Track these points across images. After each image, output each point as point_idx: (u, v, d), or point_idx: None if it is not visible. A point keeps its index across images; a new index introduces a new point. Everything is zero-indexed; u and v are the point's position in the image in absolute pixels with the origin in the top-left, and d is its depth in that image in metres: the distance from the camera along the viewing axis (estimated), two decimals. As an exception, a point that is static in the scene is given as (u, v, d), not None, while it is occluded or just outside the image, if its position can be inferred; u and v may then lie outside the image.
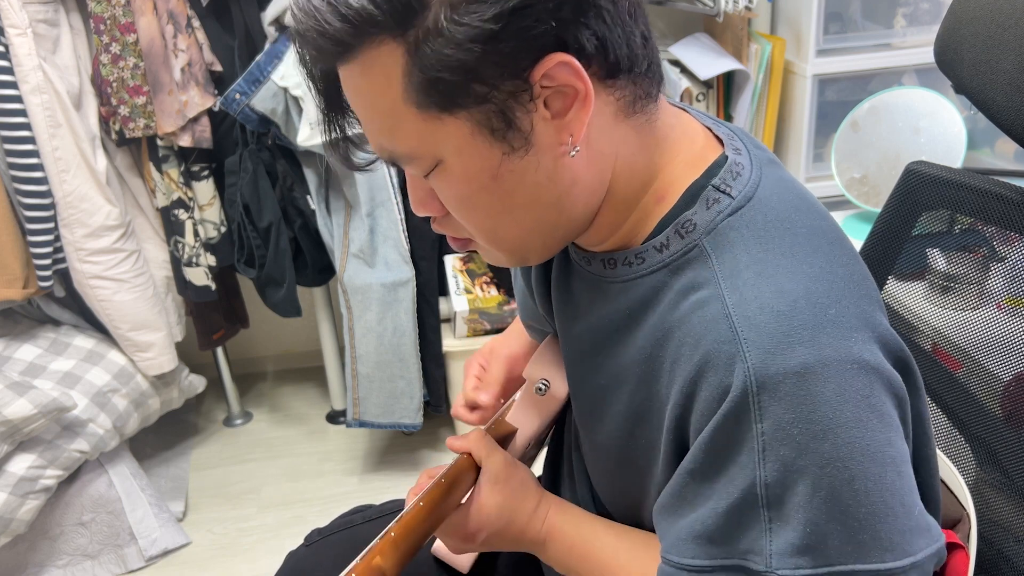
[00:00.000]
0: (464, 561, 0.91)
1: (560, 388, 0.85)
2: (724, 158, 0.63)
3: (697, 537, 0.58)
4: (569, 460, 0.88)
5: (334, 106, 0.63)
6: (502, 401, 0.92)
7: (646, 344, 0.63)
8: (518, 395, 0.89)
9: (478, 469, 0.78)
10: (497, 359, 0.94)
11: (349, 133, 0.65)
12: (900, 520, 0.53)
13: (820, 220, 0.62)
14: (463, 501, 0.77)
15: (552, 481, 0.93)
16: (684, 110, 0.69)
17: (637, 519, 0.75)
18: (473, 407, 0.93)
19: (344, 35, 0.53)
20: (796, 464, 0.53)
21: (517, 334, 0.97)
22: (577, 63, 0.54)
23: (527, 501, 0.77)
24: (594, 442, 0.76)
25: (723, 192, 0.61)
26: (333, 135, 0.65)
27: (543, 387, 0.86)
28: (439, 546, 0.92)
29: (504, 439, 0.86)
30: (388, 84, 0.55)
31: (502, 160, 0.57)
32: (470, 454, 0.79)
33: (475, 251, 0.67)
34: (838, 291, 0.56)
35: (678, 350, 0.59)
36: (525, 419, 0.87)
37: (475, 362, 0.97)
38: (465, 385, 0.95)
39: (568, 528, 0.76)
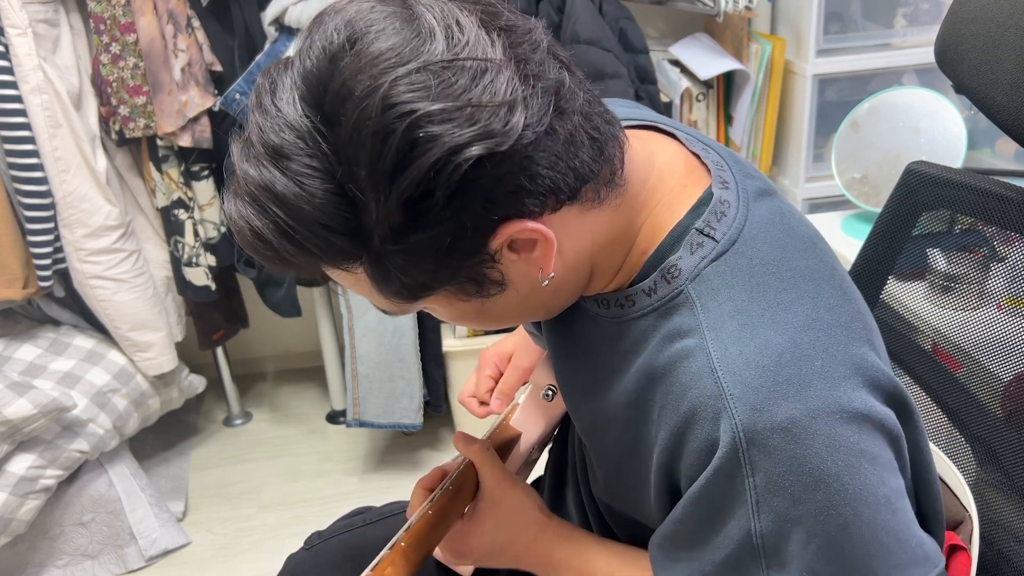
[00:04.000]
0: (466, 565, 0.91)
1: None
2: (709, 195, 0.62)
3: None
4: (573, 463, 0.88)
5: None
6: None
7: (632, 388, 0.63)
8: (522, 399, 0.89)
9: None
10: (515, 369, 0.94)
11: None
12: (895, 556, 0.54)
13: (808, 258, 0.61)
14: (465, 512, 0.78)
15: (556, 484, 0.93)
16: (673, 133, 0.67)
17: (636, 530, 0.76)
18: (482, 404, 0.94)
19: (307, 263, 0.56)
20: (790, 514, 0.53)
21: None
22: (529, 223, 0.54)
23: (527, 528, 0.76)
24: (590, 464, 0.77)
25: (707, 235, 0.60)
26: None
27: (550, 393, 0.86)
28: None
29: (508, 443, 0.86)
30: (362, 286, 0.58)
31: (483, 303, 0.59)
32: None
33: None
34: (825, 339, 0.56)
35: (664, 397, 0.60)
36: (529, 423, 0.87)
37: (491, 361, 0.96)
38: (479, 380, 0.95)
39: (574, 551, 0.76)
